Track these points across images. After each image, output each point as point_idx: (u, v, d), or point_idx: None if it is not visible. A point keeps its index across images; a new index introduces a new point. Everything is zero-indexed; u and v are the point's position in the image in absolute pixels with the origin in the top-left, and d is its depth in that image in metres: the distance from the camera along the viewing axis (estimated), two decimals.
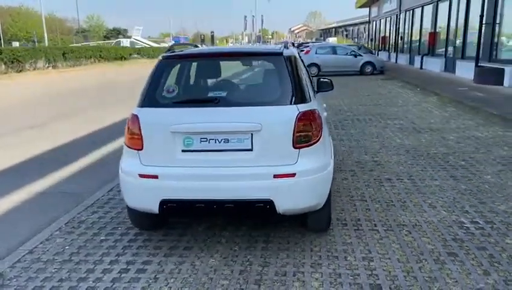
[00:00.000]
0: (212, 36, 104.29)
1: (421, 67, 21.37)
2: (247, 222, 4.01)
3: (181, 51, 3.92)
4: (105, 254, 3.53)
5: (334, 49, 21.37)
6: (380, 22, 34.74)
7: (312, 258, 3.36)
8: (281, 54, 3.53)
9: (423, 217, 4.07)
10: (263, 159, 3.24)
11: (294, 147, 3.25)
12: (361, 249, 3.49)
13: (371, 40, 38.53)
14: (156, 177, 3.30)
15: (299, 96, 3.38)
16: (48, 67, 27.83)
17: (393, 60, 28.90)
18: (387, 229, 3.84)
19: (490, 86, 13.26)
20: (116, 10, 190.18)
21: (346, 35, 65.99)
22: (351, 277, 3.08)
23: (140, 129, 3.35)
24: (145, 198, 3.37)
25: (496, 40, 14.64)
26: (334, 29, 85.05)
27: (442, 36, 20.17)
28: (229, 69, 5.44)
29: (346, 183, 5.11)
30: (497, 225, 3.87)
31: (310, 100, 3.46)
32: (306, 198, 3.31)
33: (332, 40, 50.87)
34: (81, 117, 10.66)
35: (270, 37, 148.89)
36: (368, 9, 39.47)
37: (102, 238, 3.84)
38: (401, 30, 27.43)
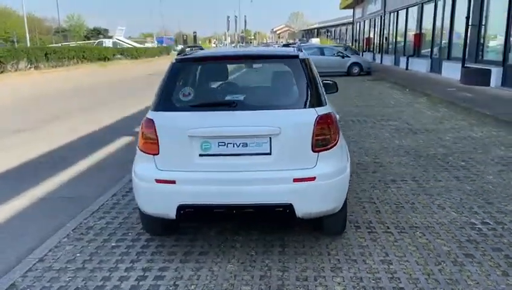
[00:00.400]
0: (195, 36, 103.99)
1: (407, 68, 21.64)
2: (258, 226, 3.97)
3: (190, 53, 3.87)
4: (120, 261, 3.45)
5: (321, 50, 21.47)
6: (364, 23, 35.07)
7: (331, 262, 3.35)
8: (296, 56, 3.51)
9: (434, 219, 4.10)
10: (282, 163, 3.21)
11: (313, 151, 3.23)
12: (378, 252, 3.49)
13: (355, 40, 38.87)
14: (173, 182, 3.24)
15: (317, 100, 3.37)
16: (30, 68, 27.24)
17: (378, 60, 29.20)
18: (400, 231, 3.85)
19: (477, 86, 13.49)
20: (96, 10, 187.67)
21: (328, 36, 66.62)
22: (373, 281, 3.07)
23: (156, 133, 3.28)
24: (162, 203, 3.31)
25: (481, 41, 14.91)
26: (316, 30, 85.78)
27: (428, 37, 20.46)
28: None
29: (351, 185, 5.10)
30: (508, 226, 3.92)
31: (326, 103, 3.45)
32: (325, 202, 3.29)
33: (315, 41, 51.08)
34: (72, 119, 10.46)
35: (253, 37, 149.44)
36: (351, 10, 39.81)
37: (113, 244, 3.75)
38: (385, 31, 27.73)
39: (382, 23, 28.24)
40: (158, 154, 3.30)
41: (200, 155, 3.25)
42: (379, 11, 28.53)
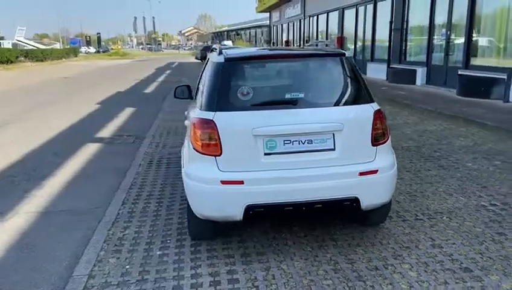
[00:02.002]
0: (99, 38, 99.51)
1: None
2: (298, 222, 4.00)
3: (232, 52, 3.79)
4: (179, 269, 3.29)
5: None
6: (282, 26, 36.19)
7: (389, 251, 3.50)
8: (343, 54, 3.63)
9: (449, 204, 4.46)
10: (345, 158, 3.30)
11: (373, 145, 3.37)
12: (423, 238, 3.72)
13: (273, 43, 39.93)
14: (241, 182, 3.17)
15: (370, 96, 3.53)
16: None
17: None
18: (430, 218, 4.13)
19: (405, 85, 14.67)
20: None
21: (239, 39, 68.02)
22: (438, 264, 3.28)
23: (218, 134, 3.19)
24: (228, 205, 3.22)
25: (404, 44, 16.22)
26: (226, 33, 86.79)
27: (350, 40, 21.72)
28: None
29: None
30: None
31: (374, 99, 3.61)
32: (384, 193, 3.45)
33: (227, 43, 51.61)
34: (18, 125, 9.49)
35: (161, 39, 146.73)
36: (268, 14, 40.85)
37: (159, 253, 3.56)
38: (306, 34, 28.89)
39: (302, 27, 29.38)
40: (220, 155, 3.21)
41: (266, 154, 3.22)
42: (299, 15, 29.65)
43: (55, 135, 8.48)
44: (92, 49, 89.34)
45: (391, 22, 16.16)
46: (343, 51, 3.65)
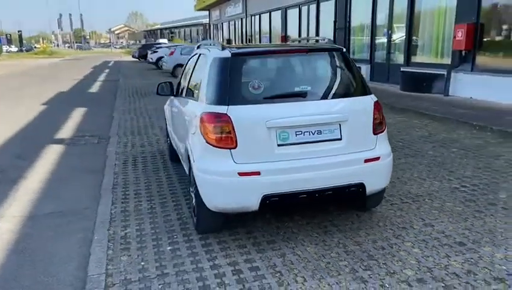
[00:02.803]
0: (20, 36, 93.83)
1: None
2: (297, 211, 4.17)
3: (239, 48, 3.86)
4: (196, 262, 3.32)
5: None
6: (223, 25, 36.23)
7: (388, 232, 3.76)
8: (341, 49, 3.84)
9: (425, 188, 4.83)
10: (351, 146, 3.51)
11: (374, 134, 3.62)
12: (414, 218, 4.03)
13: None
14: (258, 173, 3.27)
15: (367, 88, 3.77)
16: None
17: None
18: (414, 200, 4.46)
19: None
20: None
21: (172, 37, 67.44)
22: (436, 241, 3.58)
23: (233, 127, 3.27)
24: (245, 196, 3.31)
25: (348, 42, 16.96)
26: (159, 31, 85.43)
27: (294, 38, 22.24)
28: None
29: None
30: (481, 187, 4.84)
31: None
32: (385, 178, 3.72)
33: (163, 41, 51.00)
34: None
35: (88, 37, 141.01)
36: (207, 12, 40.69)
37: (169, 248, 3.56)
38: (249, 33, 29.15)
39: (244, 26, 29.61)
40: (236, 147, 3.29)
41: (279, 145, 3.34)
42: (240, 14, 29.84)
43: (10, 137, 8.00)
44: (14, 48, 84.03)
45: (335, 22, 16.83)
46: (341, 47, 3.86)
